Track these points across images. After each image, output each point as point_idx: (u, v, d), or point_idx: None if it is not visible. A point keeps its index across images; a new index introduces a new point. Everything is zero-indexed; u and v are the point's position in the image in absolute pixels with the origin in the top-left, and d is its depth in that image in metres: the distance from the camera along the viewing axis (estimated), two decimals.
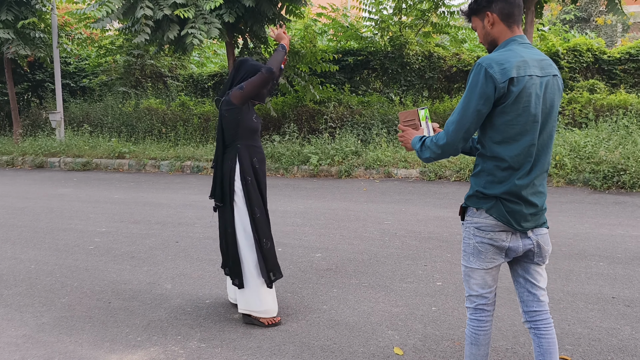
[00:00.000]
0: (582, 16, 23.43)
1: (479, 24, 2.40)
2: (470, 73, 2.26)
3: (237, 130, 3.62)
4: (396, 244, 5.53)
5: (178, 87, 15.22)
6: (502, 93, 2.20)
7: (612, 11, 9.11)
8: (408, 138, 2.54)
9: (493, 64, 2.20)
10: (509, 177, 2.27)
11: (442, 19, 12.67)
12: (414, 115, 2.56)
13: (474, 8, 2.39)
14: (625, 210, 6.70)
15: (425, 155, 2.40)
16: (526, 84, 2.20)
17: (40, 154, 12.32)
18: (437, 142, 2.33)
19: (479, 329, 2.46)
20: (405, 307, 3.96)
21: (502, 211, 2.29)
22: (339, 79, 13.41)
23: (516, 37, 2.34)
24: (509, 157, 2.26)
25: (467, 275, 2.46)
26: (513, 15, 2.32)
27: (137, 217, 6.95)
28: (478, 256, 2.38)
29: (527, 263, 2.43)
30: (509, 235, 2.33)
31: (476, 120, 2.24)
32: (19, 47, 12.75)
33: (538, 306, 2.43)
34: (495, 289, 2.46)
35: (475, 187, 2.37)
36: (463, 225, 2.45)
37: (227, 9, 9.95)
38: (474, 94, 2.22)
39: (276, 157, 10.42)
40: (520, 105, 2.21)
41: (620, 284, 4.30)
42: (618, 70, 12.07)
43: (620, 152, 8.26)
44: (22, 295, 4.37)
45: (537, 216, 2.35)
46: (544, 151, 2.32)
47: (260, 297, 3.65)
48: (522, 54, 2.26)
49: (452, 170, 9.07)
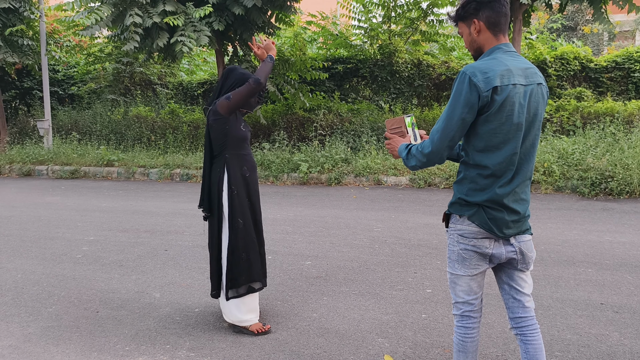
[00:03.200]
0: (569, 25, 23.69)
1: (466, 30, 2.40)
2: (455, 81, 2.27)
3: (226, 139, 3.61)
4: (386, 252, 5.53)
5: (167, 95, 15.18)
6: (486, 102, 2.20)
7: (599, 20, 9.21)
8: (395, 145, 2.54)
9: (477, 73, 2.21)
10: (491, 184, 2.29)
11: (431, 27, 12.77)
12: (400, 123, 2.57)
13: (461, 14, 2.40)
14: (613, 217, 6.75)
15: (412, 164, 2.40)
16: (510, 93, 2.21)
17: (27, 162, 12.21)
18: (422, 150, 2.34)
19: (466, 336, 2.46)
20: (395, 314, 3.95)
21: (484, 218, 2.30)
22: (328, 87, 13.45)
23: (501, 45, 2.34)
24: (491, 165, 2.27)
25: (452, 282, 2.46)
26: (499, 23, 2.33)
27: (126, 226, 6.90)
28: (462, 263, 2.39)
29: (511, 270, 2.44)
30: (492, 242, 2.34)
31: (461, 128, 2.25)
32: (6, 55, 12.67)
33: (524, 312, 2.44)
34: (482, 296, 2.47)
35: (457, 194, 2.38)
36: (447, 232, 2.46)
37: (216, 17, 9.96)
38: (458, 102, 2.22)
39: (266, 164, 10.41)
40: (503, 114, 2.22)
41: (609, 290, 4.32)
42: (605, 78, 12.21)
43: (608, 159, 8.33)
44: (8, 305, 4.32)
45: (520, 223, 2.36)
46: (526, 159, 2.33)
47: (237, 307, 3.65)
48: (506, 62, 2.26)
49: (442, 178, 9.10)
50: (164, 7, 9.58)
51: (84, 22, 9.68)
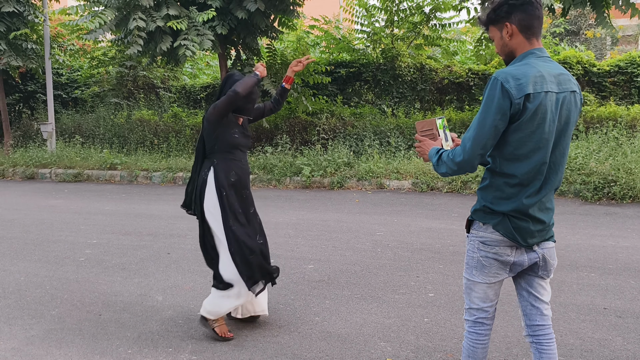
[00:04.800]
0: (571, 29, 23.69)
1: (497, 34, 2.33)
2: (486, 87, 2.20)
3: (215, 143, 3.67)
4: (388, 255, 5.53)
5: (170, 99, 15.21)
6: (518, 109, 2.13)
7: (602, 24, 9.20)
8: (425, 149, 2.46)
9: (509, 79, 2.14)
10: (517, 193, 2.23)
11: (434, 31, 12.78)
12: (431, 125, 2.49)
13: (493, 18, 2.32)
14: (616, 222, 6.74)
15: (442, 170, 2.33)
16: (542, 101, 2.14)
17: (31, 165, 12.25)
18: (453, 158, 2.26)
19: (477, 342, 2.43)
20: (397, 318, 3.95)
21: (509, 228, 2.25)
22: (331, 91, 13.46)
23: (535, 50, 2.26)
24: (519, 174, 2.21)
25: (468, 288, 2.43)
26: (532, 27, 2.25)
27: (129, 229, 6.91)
28: (482, 270, 2.36)
29: (531, 276, 2.40)
30: (514, 250, 2.30)
31: (493, 135, 2.18)
32: (10, 58, 12.72)
33: (541, 320, 2.41)
34: (496, 304, 2.43)
35: (482, 201, 2.33)
36: (468, 238, 2.42)
37: (219, 21, 9.99)
38: (490, 109, 2.15)
39: (268, 168, 10.41)
40: (534, 122, 2.15)
41: (612, 295, 4.31)
42: (607, 82, 12.19)
43: (611, 163, 8.32)
44: (11, 307, 4.32)
45: (544, 232, 2.32)
46: (555, 169, 2.26)
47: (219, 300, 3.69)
48: (539, 68, 2.18)
49: (444, 182, 9.09)
50: (168, 11, 9.62)
51: (87, 26, 9.74)
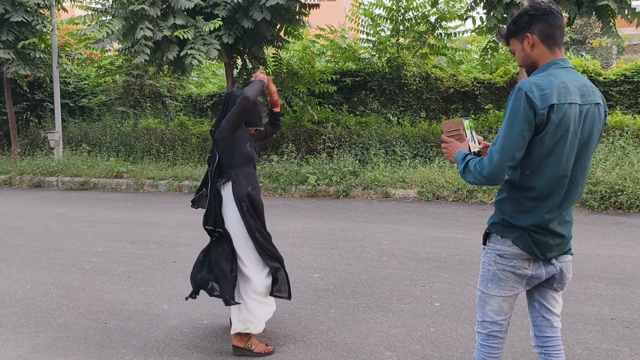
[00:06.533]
0: (577, 38, 23.71)
1: (518, 46, 2.29)
2: (510, 98, 2.15)
3: (232, 157, 3.67)
4: (394, 265, 5.51)
5: (177, 107, 15.28)
6: (541, 121, 2.09)
7: (607, 33, 9.21)
8: (452, 151, 2.40)
9: (533, 89, 2.10)
10: (536, 206, 2.20)
11: (439, 40, 12.81)
12: (458, 125, 2.42)
13: (513, 30, 2.29)
14: (623, 231, 6.71)
15: (469, 180, 2.27)
16: (566, 112, 2.10)
17: (38, 173, 12.31)
18: (481, 171, 2.19)
19: (489, 356, 2.40)
20: (403, 328, 3.94)
21: (528, 242, 2.22)
22: (337, 100, 13.50)
23: (558, 60, 2.22)
24: (538, 187, 2.17)
25: (482, 301, 2.39)
26: (554, 36, 2.22)
27: (135, 237, 6.93)
28: (498, 283, 2.32)
29: (545, 288, 2.37)
30: (532, 263, 2.27)
31: (521, 146, 2.12)
32: (18, 67, 12.82)
33: (551, 332, 2.39)
34: (510, 317, 2.40)
35: (501, 214, 2.29)
36: (484, 251, 2.38)
37: (226, 30, 10.05)
38: (516, 119, 2.10)
39: (274, 177, 10.43)
40: (557, 134, 2.11)
41: (619, 305, 4.29)
42: (614, 91, 12.17)
43: (617, 172, 8.29)
44: (17, 315, 4.34)
45: (563, 245, 2.30)
46: (576, 183, 2.22)
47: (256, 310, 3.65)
48: (563, 78, 2.14)
49: (450, 191, 9.08)
50: (174, 21, 9.69)
51: (95, 35, 9.81)
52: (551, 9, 2.21)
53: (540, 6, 2.22)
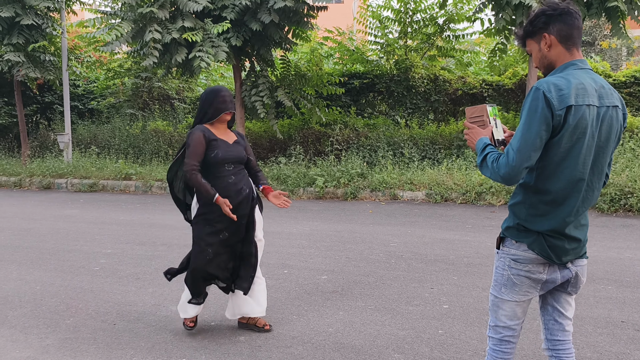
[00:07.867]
0: (587, 40, 23.59)
1: (535, 47, 2.25)
2: (527, 98, 2.11)
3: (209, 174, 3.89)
4: (402, 266, 5.50)
5: (185, 110, 15.34)
6: (558, 122, 2.05)
7: (617, 35, 9.16)
8: (473, 138, 2.33)
9: (551, 89, 2.06)
10: (551, 211, 2.16)
11: (448, 42, 12.79)
12: (482, 112, 2.33)
13: (530, 30, 2.25)
14: (633, 234, 6.66)
15: (486, 174, 2.22)
16: (583, 114, 2.06)
17: (47, 176, 12.39)
18: (498, 170, 2.14)
19: None
20: (411, 330, 3.92)
21: (543, 246, 2.18)
22: (345, 102, 13.50)
23: (576, 61, 2.19)
24: (554, 191, 2.14)
25: (495, 306, 2.35)
26: (572, 37, 2.18)
27: (143, 239, 6.95)
28: (512, 288, 2.28)
29: (559, 292, 2.34)
30: (547, 268, 2.23)
31: (538, 147, 2.08)
32: (28, 70, 12.92)
33: (563, 336, 2.36)
34: (523, 322, 2.37)
35: (516, 219, 2.25)
36: (497, 255, 2.34)
37: (234, 32, 10.08)
38: (534, 119, 2.06)
39: (282, 178, 10.44)
40: (574, 137, 2.07)
41: (630, 308, 4.25)
42: (624, 93, 12.09)
43: (627, 175, 8.23)
44: (27, 316, 4.36)
45: (579, 249, 2.26)
46: (592, 187, 2.18)
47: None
48: (581, 79, 2.11)
49: (458, 193, 9.05)
50: (183, 23, 9.74)
51: (104, 38, 9.87)
52: (569, 10, 2.18)
53: (558, 6, 2.19)
